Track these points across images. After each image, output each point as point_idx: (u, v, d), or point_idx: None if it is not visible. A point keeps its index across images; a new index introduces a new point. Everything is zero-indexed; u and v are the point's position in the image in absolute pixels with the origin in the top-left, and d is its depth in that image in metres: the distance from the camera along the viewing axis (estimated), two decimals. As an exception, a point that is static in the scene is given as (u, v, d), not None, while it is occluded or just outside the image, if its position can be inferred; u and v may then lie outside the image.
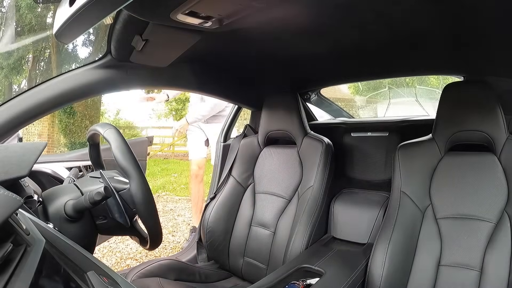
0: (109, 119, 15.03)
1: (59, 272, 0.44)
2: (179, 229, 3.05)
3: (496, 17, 0.77)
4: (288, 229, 1.20)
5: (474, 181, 0.95)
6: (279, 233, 1.23)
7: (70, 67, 8.28)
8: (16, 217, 0.40)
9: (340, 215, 1.24)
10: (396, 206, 1.00)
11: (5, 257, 0.33)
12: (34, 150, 0.57)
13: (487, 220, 0.91)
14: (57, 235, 0.53)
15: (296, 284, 0.88)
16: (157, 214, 0.71)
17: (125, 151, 0.68)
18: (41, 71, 7.85)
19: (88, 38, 7.98)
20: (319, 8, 0.77)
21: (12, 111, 0.80)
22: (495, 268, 0.86)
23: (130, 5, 0.55)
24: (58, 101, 0.87)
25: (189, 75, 1.19)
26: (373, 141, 1.37)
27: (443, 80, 4.88)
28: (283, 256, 1.15)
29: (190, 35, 0.84)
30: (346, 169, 1.40)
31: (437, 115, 1.03)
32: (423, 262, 0.95)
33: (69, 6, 0.55)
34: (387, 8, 0.77)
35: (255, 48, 1.06)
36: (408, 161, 1.04)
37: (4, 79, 7.45)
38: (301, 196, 1.22)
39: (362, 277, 0.96)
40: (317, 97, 1.72)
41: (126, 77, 1.00)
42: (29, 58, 7.46)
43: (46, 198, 0.70)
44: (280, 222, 1.25)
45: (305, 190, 1.21)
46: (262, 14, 0.72)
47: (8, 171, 0.51)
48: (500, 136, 0.93)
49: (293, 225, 1.18)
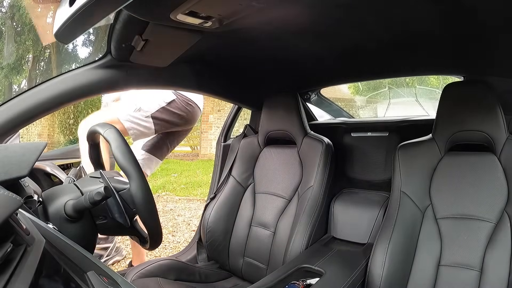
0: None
1: (59, 272, 0.44)
2: (179, 229, 3.05)
3: (496, 17, 0.77)
4: (288, 229, 1.20)
5: (474, 181, 0.95)
6: (279, 233, 1.23)
7: (70, 67, 8.28)
8: (16, 217, 0.40)
9: (340, 215, 1.24)
10: (396, 206, 1.00)
11: (5, 257, 0.33)
12: (34, 150, 0.57)
13: (487, 220, 0.91)
14: (57, 235, 0.53)
15: (296, 284, 0.88)
16: (157, 214, 0.71)
17: (125, 151, 0.68)
18: (41, 71, 7.85)
19: (88, 38, 7.98)
20: (319, 8, 0.77)
21: (12, 111, 0.80)
22: (495, 268, 0.86)
23: (130, 5, 0.55)
24: (58, 101, 0.87)
25: (189, 75, 1.19)
26: (373, 141, 1.37)
27: (443, 80, 4.89)
28: (283, 256, 1.15)
29: (190, 35, 0.84)
30: (346, 169, 1.40)
31: (437, 115, 1.03)
32: (423, 262, 0.95)
33: (69, 6, 0.55)
34: (387, 8, 0.77)
35: (255, 48, 1.06)
36: (408, 161, 1.04)
37: (4, 79, 7.45)
38: (301, 196, 1.22)
39: (362, 277, 0.96)
40: (317, 97, 1.72)
41: (126, 77, 1.00)
42: (29, 58, 7.46)
43: (46, 198, 0.70)
44: (280, 222, 1.25)
45: (305, 190, 1.21)
46: (262, 14, 0.72)
47: (8, 171, 0.51)
48: (500, 136, 0.93)
49: (293, 225, 1.18)
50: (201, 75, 1.22)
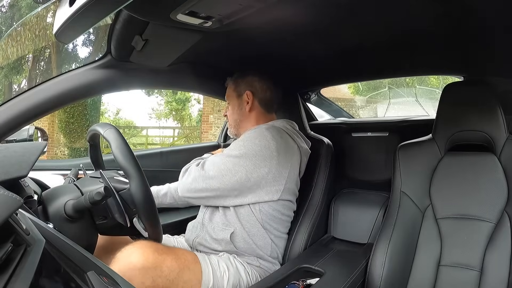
0: (109, 119, 15.04)
1: (59, 272, 0.44)
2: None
3: (496, 17, 0.77)
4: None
5: (474, 181, 0.95)
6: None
7: (70, 67, 8.28)
8: (16, 217, 0.40)
9: (340, 215, 1.24)
10: (396, 206, 1.00)
11: (5, 257, 0.33)
12: (34, 150, 0.57)
13: (487, 220, 0.91)
14: (57, 235, 0.53)
15: (296, 284, 0.88)
16: (157, 214, 0.71)
17: (125, 151, 0.68)
18: (41, 71, 7.85)
19: (88, 38, 7.98)
20: (319, 8, 0.77)
21: (12, 111, 0.80)
22: (495, 268, 0.86)
23: (130, 5, 0.55)
24: (58, 101, 0.87)
25: (189, 75, 1.19)
26: (373, 141, 1.37)
27: (443, 80, 4.89)
28: (283, 256, 1.14)
29: (190, 35, 0.84)
30: (346, 169, 1.40)
31: (437, 115, 1.03)
32: (423, 262, 0.95)
33: (69, 6, 0.55)
34: (387, 8, 0.77)
35: (255, 48, 1.06)
36: (408, 161, 1.04)
37: (4, 79, 7.44)
38: (301, 196, 1.21)
39: (362, 277, 0.96)
40: (317, 97, 1.72)
41: (126, 77, 1.00)
42: (29, 58, 7.46)
43: (46, 198, 0.70)
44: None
45: (306, 190, 1.20)
46: (262, 14, 0.72)
47: (8, 171, 0.51)
48: (500, 136, 0.93)
49: (292, 226, 1.17)
50: (201, 75, 1.22)
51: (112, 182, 0.71)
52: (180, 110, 14.92)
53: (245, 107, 1.12)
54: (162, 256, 0.81)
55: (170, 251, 0.85)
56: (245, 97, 1.12)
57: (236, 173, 0.95)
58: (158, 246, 0.83)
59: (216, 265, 0.91)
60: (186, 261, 0.86)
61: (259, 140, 0.99)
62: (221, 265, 0.92)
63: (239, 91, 1.13)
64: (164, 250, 0.83)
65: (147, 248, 0.80)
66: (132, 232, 0.77)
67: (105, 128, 0.73)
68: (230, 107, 1.16)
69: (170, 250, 0.86)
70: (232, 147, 1.02)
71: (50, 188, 0.78)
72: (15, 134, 0.85)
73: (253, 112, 1.13)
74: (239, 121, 1.15)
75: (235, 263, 0.95)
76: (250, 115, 1.13)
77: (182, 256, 0.86)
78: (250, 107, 1.12)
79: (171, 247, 0.91)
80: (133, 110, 31.84)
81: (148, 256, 0.78)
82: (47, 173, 1.23)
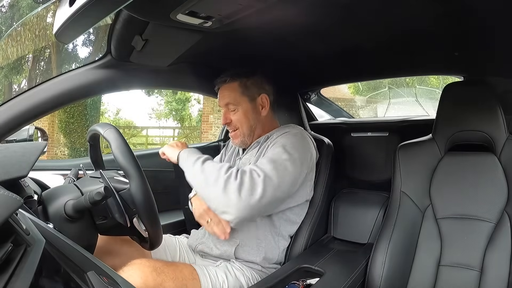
0: (109, 119, 15.03)
1: (59, 272, 0.44)
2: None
3: (496, 17, 0.77)
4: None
5: (474, 181, 0.95)
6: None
7: (70, 67, 8.28)
8: (16, 217, 0.40)
9: (340, 215, 1.24)
10: (396, 206, 1.00)
11: (5, 257, 0.33)
12: (34, 150, 0.57)
13: (487, 220, 0.91)
14: (57, 235, 0.53)
15: (296, 284, 0.88)
16: (157, 214, 0.71)
17: (125, 151, 0.68)
18: (41, 71, 7.85)
19: (88, 38, 7.98)
20: (319, 8, 0.77)
21: (12, 111, 0.80)
22: (495, 268, 0.86)
23: (130, 5, 0.55)
24: (58, 101, 0.87)
25: (189, 75, 1.19)
26: (373, 141, 1.37)
27: (443, 80, 4.89)
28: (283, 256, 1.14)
29: (190, 35, 0.84)
30: (346, 169, 1.40)
31: (437, 115, 1.03)
32: (423, 262, 0.95)
33: (69, 6, 0.55)
34: (387, 8, 0.77)
35: (255, 48, 1.06)
36: (408, 161, 1.04)
37: (4, 79, 7.44)
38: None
39: (362, 277, 0.96)
40: (317, 97, 1.72)
41: (126, 77, 1.00)
42: (29, 58, 7.46)
43: (46, 198, 0.70)
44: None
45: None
46: (262, 14, 0.72)
47: (8, 171, 0.51)
48: (500, 136, 0.93)
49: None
50: (201, 75, 1.22)
51: (112, 182, 0.71)
52: (180, 110, 14.91)
53: (260, 112, 1.06)
54: (160, 276, 0.81)
55: (169, 269, 0.84)
56: (260, 100, 1.05)
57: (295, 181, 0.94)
58: (156, 264, 0.83)
59: (214, 276, 0.91)
60: (184, 280, 0.85)
61: (303, 145, 0.99)
62: (220, 275, 0.92)
63: (251, 94, 1.04)
64: (162, 269, 0.83)
65: (145, 267, 0.80)
66: (132, 232, 0.77)
67: (105, 128, 0.73)
68: (239, 113, 1.04)
69: (168, 267, 0.85)
70: (281, 150, 0.93)
71: (50, 188, 0.78)
72: (15, 134, 0.85)
73: (267, 116, 1.08)
74: (255, 127, 1.06)
75: (233, 271, 0.94)
76: (265, 120, 1.08)
77: (180, 274, 0.85)
78: (267, 112, 1.06)
79: (169, 263, 0.90)
80: (133, 110, 31.87)
81: (147, 278, 0.78)
82: (47, 173, 1.23)
